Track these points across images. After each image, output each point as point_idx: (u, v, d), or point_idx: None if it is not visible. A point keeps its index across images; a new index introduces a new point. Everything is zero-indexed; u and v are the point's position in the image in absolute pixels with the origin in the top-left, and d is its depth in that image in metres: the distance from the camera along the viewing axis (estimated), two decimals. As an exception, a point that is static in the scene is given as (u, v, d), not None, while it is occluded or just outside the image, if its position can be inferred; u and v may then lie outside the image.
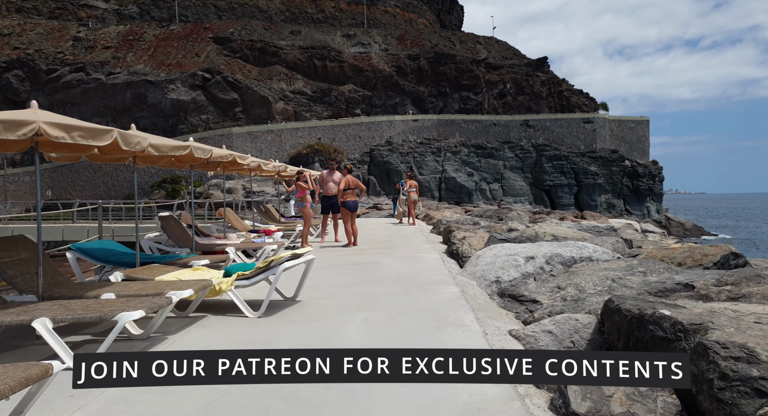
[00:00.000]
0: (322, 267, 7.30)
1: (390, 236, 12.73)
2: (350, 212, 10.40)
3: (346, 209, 10.36)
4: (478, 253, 6.84)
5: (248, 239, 8.38)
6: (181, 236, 7.73)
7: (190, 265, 5.80)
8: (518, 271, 5.82)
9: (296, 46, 58.12)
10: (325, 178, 11.21)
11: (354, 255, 8.91)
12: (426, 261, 7.79)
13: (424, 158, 51.67)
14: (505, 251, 6.38)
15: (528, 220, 20.91)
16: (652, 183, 57.70)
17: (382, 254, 8.96)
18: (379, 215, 23.90)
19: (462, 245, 7.74)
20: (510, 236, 8.08)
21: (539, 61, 65.21)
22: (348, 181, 10.32)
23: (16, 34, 54.51)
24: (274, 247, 7.59)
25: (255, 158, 10.65)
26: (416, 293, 5.46)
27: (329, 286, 6.06)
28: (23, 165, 47.09)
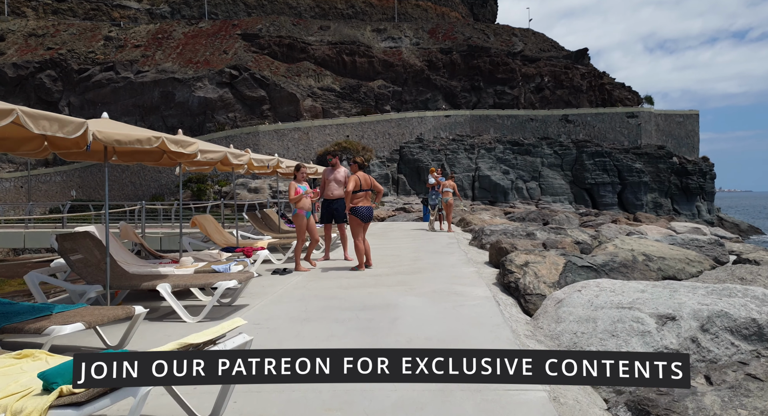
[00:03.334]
0: (303, 317, 5.10)
1: (418, 250, 10.26)
2: (362, 222, 7.71)
3: (357, 218, 7.67)
4: (556, 296, 4.52)
5: (207, 266, 6.16)
6: (88, 265, 5.38)
7: (46, 332, 3.28)
8: (649, 346, 3.40)
9: (325, 41, 56.77)
10: (326, 177, 8.80)
11: (362, 288, 6.54)
12: (470, 303, 5.41)
13: (457, 155, 49.46)
14: (606, 297, 3.97)
15: (578, 223, 18.68)
16: (703, 181, 53.82)
17: (404, 285, 6.60)
18: (407, 218, 21.80)
19: (525, 275, 5.35)
20: (596, 262, 5.56)
21: (579, 53, 61.93)
22: (359, 180, 7.68)
23: (50, 35, 55.05)
24: (230, 284, 5.06)
25: (261, 156, 8.97)
26: (462, 403, 2.99)
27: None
28: (55, 165, 47.32)
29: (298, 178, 8.01)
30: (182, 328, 4.93)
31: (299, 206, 7.80)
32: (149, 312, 5.59)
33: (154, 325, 5.08)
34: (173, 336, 4.64)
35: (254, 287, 6.80)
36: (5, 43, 53.29)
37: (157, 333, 4.79)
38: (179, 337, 4.71)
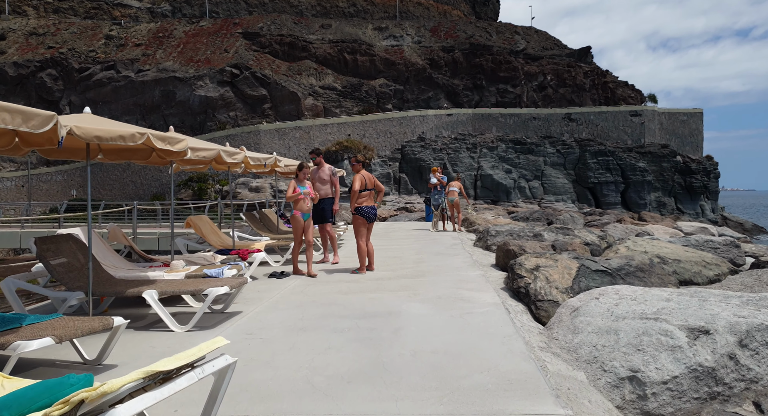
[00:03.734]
0: (300, 326, 4.78)
1: (421, 251, 9.94)
2: (367, 222, 7.44)
3: (362, 218, 7.40)
4: (571, 303, 4.14)
5: (199, 270, 5.88)
6: (71, 270, 5.01)
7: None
8: (680, 364, 3.02)
9: (326, 40, 56.45)
10: (312, 176, 8.49)
11: (363, 293, 6.19)
12: (478, 311, 5.08)
13: (459, 154, 49.11)
14: (627, 305, 3.59)
15: (583, 223, 18.35)
16: (707, 180, 53.36)
17: (407, 290, 6.30)
18: (409, 218, 21.51)
19: (536, 280, 4.99)
20: (611, 266, 5.17)
21: (582, 51, 61.48)
22: (364, 179, 7.41)
23: (51, 34, 54.85)
24: (222, 291, 4.77)
25: (258, 154, 8.67)
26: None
27: (291, 396, 3.12)
28: (56, 164, 47.10)
29: (299, 177, 7.56)
30: (169, 338, 4.64)
31: (296, 208, 7.39)
32: (135, 320, 5.30)
33: (139, 335, 4.78)
34: (158, 348, 4.35)
35: (249, 292, 6.51)
36: (6, 42, 53.09)
37: (142, 343, 4.50)
38: (165, 348, 4.42)
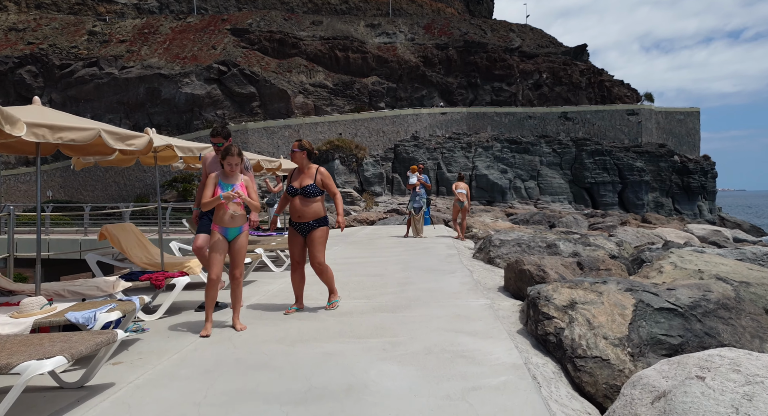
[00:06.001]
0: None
1: (408, 266, 7.84)
2: (302, 235, 5.18)
3: (296, 232, 5.16)
4: (650, 383, 2.47)
5: (61, 314, 3.81)
6: None
7: None
8: None
9: (317, 37, 55.12)
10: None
11: (318, 342, 4.11)
12: (490, 383, 3.15)
13: (453, 153, 47.95)
14: (766, 398, 2.00)
15: (586, 225, 17.18)
16: (704, 180, 52.55)
17: (383, 336, 4.21)
18: (399, 221, 20.25)
19: (572, 324, 3.46)
20: (682, 302, 3.54)
21: (578, 49, 60.57)
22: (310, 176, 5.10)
23: (31, 29, 53.13)
24: (45, 369, 2.67)
25: (191, 143, 7.04)
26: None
27: None
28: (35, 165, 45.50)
29: (225, 169, 4.64)
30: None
31: (215, 219, 4.64)
32: None
33: None
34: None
35: (153, 338, 4.36)
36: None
37: None
38: None
